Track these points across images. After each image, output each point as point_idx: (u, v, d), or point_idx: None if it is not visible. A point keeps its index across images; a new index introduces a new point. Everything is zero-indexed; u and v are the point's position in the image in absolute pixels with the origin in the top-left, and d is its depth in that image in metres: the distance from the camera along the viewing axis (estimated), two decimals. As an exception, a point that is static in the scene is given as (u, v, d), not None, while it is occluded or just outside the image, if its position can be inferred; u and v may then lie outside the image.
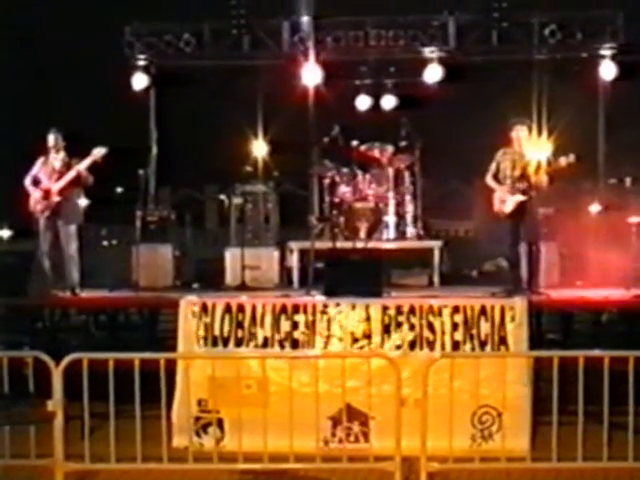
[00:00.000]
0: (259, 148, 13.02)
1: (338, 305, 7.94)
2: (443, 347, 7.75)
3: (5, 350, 8.22)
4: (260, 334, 7.93)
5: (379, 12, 12.47)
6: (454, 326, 7.79)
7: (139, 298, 10.04)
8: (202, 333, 7.96)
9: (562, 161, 9.10)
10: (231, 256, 11.36)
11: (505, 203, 9.35)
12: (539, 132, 10.26)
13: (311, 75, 12.32)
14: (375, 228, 11.70)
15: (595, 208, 11.17)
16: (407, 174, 12.23)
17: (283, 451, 6.87)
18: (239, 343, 7.94)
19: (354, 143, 12.01)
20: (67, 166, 10.04)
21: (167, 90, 13.26)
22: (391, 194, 11.92)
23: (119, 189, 12.85)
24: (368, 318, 7.86)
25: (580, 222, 10.98)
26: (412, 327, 7.82)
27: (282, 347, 7.89)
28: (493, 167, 9.50)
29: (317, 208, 12.86)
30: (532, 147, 9.39)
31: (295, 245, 11.41)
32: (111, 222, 13.06)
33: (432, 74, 12.45)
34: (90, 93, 12.69)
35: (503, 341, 7.74)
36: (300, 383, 7.32)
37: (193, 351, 7.94)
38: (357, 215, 11.68)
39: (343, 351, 7.77)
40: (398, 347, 7.78)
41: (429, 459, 6.72)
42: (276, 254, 11.48)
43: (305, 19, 12.57)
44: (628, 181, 11.65)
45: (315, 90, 12.51)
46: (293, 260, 11.38)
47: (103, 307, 9.87)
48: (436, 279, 11.24)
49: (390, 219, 11.86)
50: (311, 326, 7.91)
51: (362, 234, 11.57)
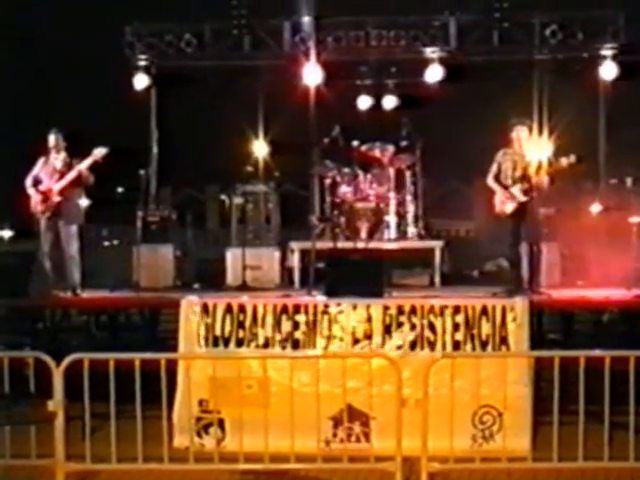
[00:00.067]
0: (260, 148, 13.00)
1: (339, 305, 7.94)
2: (444, 347, 7.74)
3: (6, 350, 8.21)
4: (261, 334, 7.92)
5: (380, 12, 12.48)
6: (455, 326, 7.78)
7: (140, 298, 10.03)
8: (203, 333, 7.96)
9: (563, 161, 9.10)
10: (232, 256, 11.35)
11: (506, 203, 9.36)
12: (540, 132, 10.25)
13: (312, 75, 12.33)
14: (376, 228, 11.70)
15: (596, 208, 11.18)
16: (408, 174, 12.22)
17: (284, 451, 6.87)
18: (240, 343, 7.93)
19: (355, 143, 11.99)
20: (68, 166, 10.03)
21: (168, 90, 13.27)
22: (392, 194, 11.91)
23: (120, 189, 12.85)
24: (369, 318, 7.85)
25: (581, 222, 10.98)
26: (413, 327, 7.81)
27: (283, 347, 7.88)
28: (494, 168, 9.50)
29: (318, 208, 12.86)
30: (533, 147, 9.39)
31: (296, 245, 11.40)
32: (112, 222, 13.05)
33: (433, 74, 12.46)
34: (91, 93, 12.69)
35: (504, 341, 7.74)
36: (301, 383, 7.32)
37: (194, 351, 7.93)
38: (358, 215, 11.67)
39: (344, 351, 7.76)
40: (399, 347, 7.77)
41: (430, 459, 6.72)
42: (277, 254, 11.48)
43: (306, 19, 12.58)
44: (629, 181, 11.64)
45: (316, 90, 12.53)
46: (294, 260, 11.37)
47: (104, 307, 9.86)
48: (437, 279, 11.23)
49: (391, 219, 11.85)
50: (312, 326, 7.90)
51: (363, 234, 11.56)
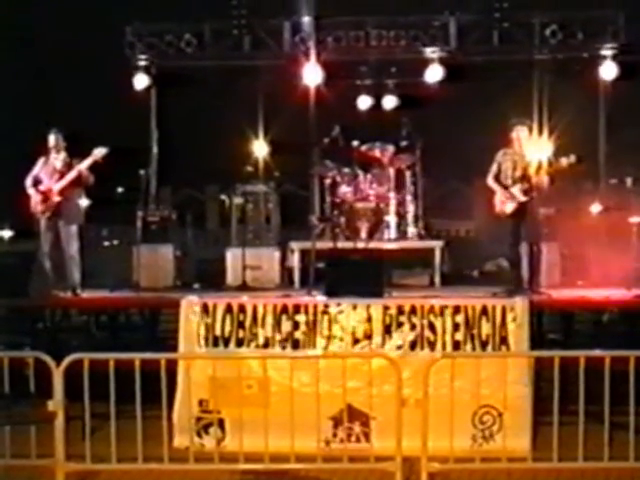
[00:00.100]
0: (260, 148, 13.00)
1: (339, 305, 7.94)
2: (444, 347, 7.74)
3: (6, 350, 8.21)
4: (261, 334, 7.92)
5: (380, 12, 12.48)
6: (455, 326, 7.78)
7: (140, 298, 10.03)
8: (203, 333, 7.96)
9: (563, 161, 9.10)
10: (232, 256, 11.35)
11: (506, 203, 9.36)
12: (540, 132, 10.25)
13: (312, 75, 12.32)
14: (376, 228, 11.69)
15: (596, 208, 11.18)
16: (408, 174, 12.22)
17: (284, 451, 6.87)
18: (240, 343, 7.93)
19: (355, 143, 11.98)
20: (68, 166, 10.03)
21: (168, 90, 13.27)
22: (392, 194, 11.91)
23: (120, 189, 12.84)
24: (369, 318, 7.85)
25: (581, 222, 10.98)
26: (413, 327, 7.81)
27: (283, 347, 7.88)
28: (494, 168, 9.50)
29: (318, 208, 12.85)
30: (533, 147, 9.39)
31: (296, 245, 11.40)
32: (112, 222, 13.05)
33: (433, 74, 12.46)
34: (91, 93, 12.69)
35: (504, 341, 7.73)
36: (301, 383, 7.32)
37: (194, 351, 7.93)
38: (358, 215, 11.67)
39: (344, 351, 7.76)
40: (399, 347, 7.77)
41: (430, 459, 6.72)
42: (277, 254, 11.47)
43: (306, 19, 12.58)
44: (629, 181, 11.64)
45: (316, 90, 12.53)
46: (294, 260, 11.37)
47: (104, 307, 9.86)
48: (437, 279, 11.23)
49: (391, 219, 11.84)
50: (312, 326, 7.90)
51: (363, 234, 11.56)
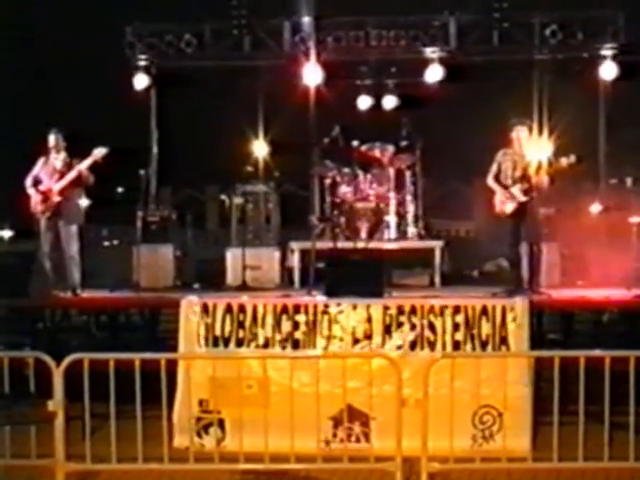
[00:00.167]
0: (260, 148, 13.00)
1: (339, 305, 7.93)
2: (444, 347, 7.74)
3: (6, 350, 8.20)
4: (261, 334, 7.92)
5: (380, 12, 12.48)
6: (455, 326, 7.78)
7: (140, 298, 10.03)
8: (203, 333, 7.96)
9: (563, 161, 9.09)
10: (232, 256, 11.35)
11: (506, 204, 9.36)
12: (540, 132, 10.24)
13: (312, 75, 12.32)
14: (376, 228, 11.69)
15: (596, 208, 11.18)
16: (408, 174, 12.21)
17: (284, 451, 6.87)
18: (240, 343, 7.93)
19: (355, 143, 11.97)
20: (68, 166, 10.03)
21: (168, 90, 13.26)
22: (392, 194, 11.90)
23: (120, 189, 12.85)
24: (369, 318, 7.85)
25: (581, 222, 10.98)
26: (413, 327, 7.81)
27: (283, 347, 7.88)
28: (494, 168, 9.50)
29: (318, 208, 12.85)
30: (533, 147, 9.39)
31: (296, 245, 11.40)
32: (112, 222, 13.06)
33: (433, 74, 12.46)
34: (91, 93, 12.70)
35: (504, 341, 7.73)
36: (301, 383, 7.32)
37: (194, 351, 7.93)
38: (358, 215, 11.67)
39: (344, 351, 7.76)
40: (399, 347, 7.77)
41: (430, 459, 6.72)
42: (277, 254, 11.47)
43: (306, 19, 12.58)
44: (629, 181, 11.64)
45: (316, 90, 12.52)
46: (294, 260, 11.37)
47: (104, 307, 9.86)
48: (437, 279, 11.22)
49: (391, 219, 11.84)
50: (312, 326, 7.90)
51: (363, 234, 11.56)
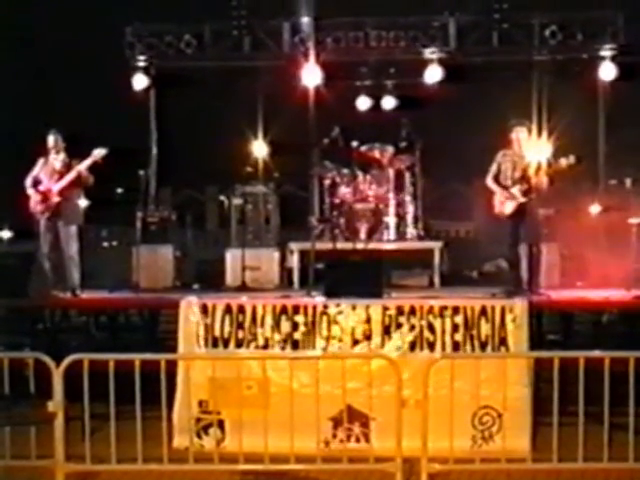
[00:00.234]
0: (259, 149, 13.00)
1: (338, 306, 7.93)
2: (443, 348, 7.74)
3: (6, 351, 8.21)
4: (260, 335, 7.92)
5: (379, 13, 12.48)
6: (454, 327, 7.78)
7: (139, 299, 10.04)
8: (202, 334, 7.95)
9: (562, 162, 9.09)
10: (231, 257, 11.36)
11: (505, 204, 9.36)
12: (539, 133, 10.24)
13: (311, 76, 12.32)
14: (375, 229, 11.70)
15: (595, 209, 11.18)
16: (407, 175, 12.22)
17: (284, 452, 6.86)
18: (239, 344, 7.92)
19: (354, 144, 11.98)
20: (67, 167, 10.03)
21: (167, 91, 13.26)
22: (391, 195, 11.92)
23: (119, 190, 12.85)
24: (368, 319, 7.85)
25: (580, 223, 10.98)
26: (412, 328, 7.80)
27: (282, 348, 7.88)
28: (494, 169, 9.50)
29: (317, 209, 12.87)
30: (532, 148, 9.39)
31: (295, 246, 11.41)
32: (111, 223, 13.08)
33: (432, 75, 12.46)
34: (90, 94, 12.70)
35: (503, 342, 7.73)
36: (301, 384, 7.31)
37: (193, 352, 7.93)
38: (357, 216, 11.68)
39: (343, 352, 7.76)
40: (398, 348, 7.77)
41: (430, 460, 6.71)
42: (276, 255, 11.50)
43: (305, 20, 12.58)
44: (628, 182, 11.64)
45: (315, 91, 12.52)
46: (293, 261, 11.38)
47: (103, 308, 9.86)
48: (436, 280, 11.24)
49: (390, 220, 11.85)
50: (311, 327, 7.90)
51: (362, 235, 11.57)
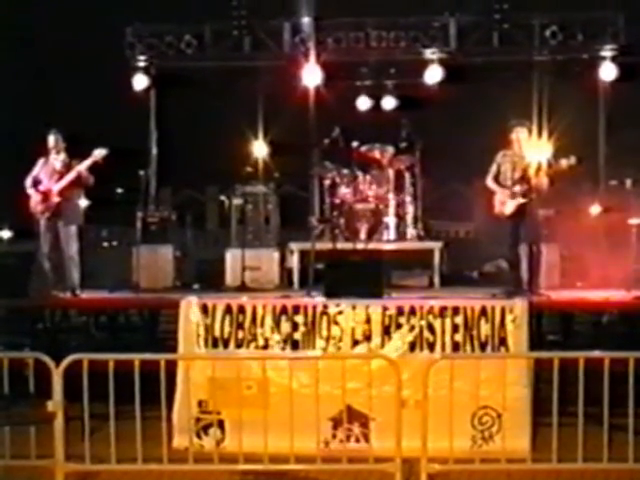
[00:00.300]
0: (260, 149, 13.01)
1: (338, 306, 7.93)
2: (443, 348, 7.74)
3: (5, 351, 8.21)
4: (260, 335, 7.92)
5: (380, 13, 12.49)
6: (454, 327, 7.77)
7: (139, 299, 10.04)
8: (202, 334, 7.95)
9: (563, 163, 9.09)
10: (231, 257, 11.36)
11: (505, 205, 9.36)
12: (539, 133, 10.25)
13: (312, 76, 12.33)
14: (375, 229, 11.70)
15: (596, 210, 11.18)
16: (407, 175, 12.21)
17: (283, 452, 6.86)
18: (239, 344, 7.92)
19: (354, 144, 11.97)
20: (68, 167, 10.03)
21: (168, 91, 13.27)
22: (391, 195, 11.92)
23: (119, 190, 12.86)
24: (368, 319, 7.84)
25: (581, 223, 10.98)
26: (412, 328, 7.80)
27: (282, 348, 7.88)
28: (493, 169, 9.50)
29: (317, 209, 12.88)
30: (532, 149, 9.39)
31: (295, 246, 11.41)
32: (111, 223, 13.08)
33: (433, 75, 12.46)
34: (90, 94, 12.72)
35: (503, 342, 7.73)
36: (300, 384, 7.31)
37: (193, 352, 7.93)
38: (357, 216, 11.67)
39: (343, 352, 7.76)
40: (398, 348, 7.76)
41: (429, 460, 6.71)
42: (276, 255, 11.49)
43: (306, 20, 12.59)
44: (629, 183, 11.62)
45: (316, 91, 12.53)
46: (293, 261, 11.37)
47: (103, 308, 9.87)
48: (436, 280, 11.24)
49: (390, 220, 11.85)
50: (311, 327, 7.89)
51: (362, 235, 11.56)
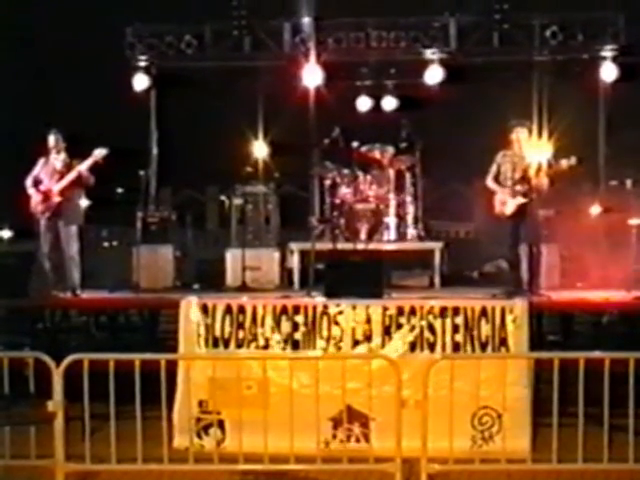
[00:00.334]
0: (260, 149, 13.01)
1: (338, 306, 7.93)
2: (444, 348, 7.74)
3: (6, 351, 8.21)
4: (261, 335, 7.92)
5: (380, 13, 12.49)
6: (455, 327, 7.78)
7: (140, 299, 10.03)
8: (203, 334, 7.96)
9: (563, 163, 9.10)
10: (232, 257, 11.36)
11: (506, 205, 9.36)
12: (540, 134, 10.25)
13: (312, 76, 12.33)
14: (376, 229, 11.69)
15: (596, 210, 11.18)
16: (408, 175, 12.21)
17: (284, 452, 6.87)
18: (240, 344, 7.92)
19: (355, 144, 11.95)
20: (68, 167, 10.03)
21: (168, 91, 13.27)
22: (392, 195, 11.91)
23: (120, 190, 12.83)
24: (369, 319, 7.85)
25: (581, 224, 10.98)
26: (413, 328, 7.80)
27: (283, 348, 7.88)
28: (494, 169, 9.50)
29: (318, 209, 12.87)
30: (532, 149, 9.39)
31: (296, 246, 11.40)
32: (112, 223, 13.07)
33: (433, 75, 12.46)
34: (91, 94, 12.72)
35: (503, 342, 7.73)
36: (301, 384, 7.32)
37: (194, 352, 7.93)
38: (358, 216, 11.66)
39: (344, 352, 7.77)
40: (398, 348, 7.76)
41: (430, 460, 6.72)
42: (277, 255, 11.49)
43: (306, 20, 12.59)
44: (629, 183, 11.61)
45: (316, 91, 12.53)
46: (294, 261, 11.37)
47: (104, 308, 9.87)
48: (437, 280, 11.23)
49: (391, 220, 11.85)
50: (311, 327, 7.90)
51: (363, 235, 11.55)
